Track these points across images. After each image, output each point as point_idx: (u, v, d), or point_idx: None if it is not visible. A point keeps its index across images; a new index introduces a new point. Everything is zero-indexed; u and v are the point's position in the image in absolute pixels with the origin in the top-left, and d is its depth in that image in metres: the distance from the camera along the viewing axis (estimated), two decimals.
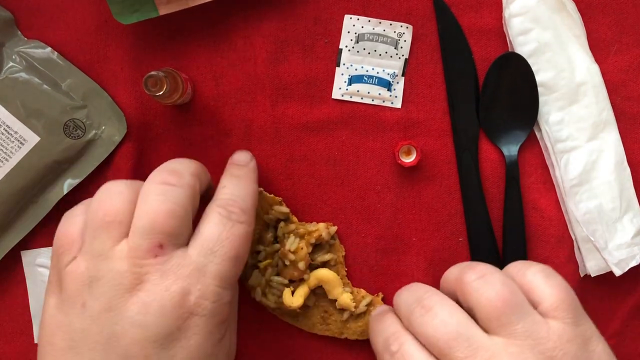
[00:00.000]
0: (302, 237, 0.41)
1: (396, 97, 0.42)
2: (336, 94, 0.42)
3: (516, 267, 0.35)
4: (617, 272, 0.41)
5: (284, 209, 0.41)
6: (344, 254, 0.43)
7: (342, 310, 0.42)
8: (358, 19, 0.42)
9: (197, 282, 0.31)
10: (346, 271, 0.42)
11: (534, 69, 0.41)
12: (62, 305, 0.32)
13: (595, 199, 0.41)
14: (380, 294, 0.43)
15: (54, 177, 0.42)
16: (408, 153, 0.42)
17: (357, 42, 0.42)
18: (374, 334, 0.36)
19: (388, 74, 0.42)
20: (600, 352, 0.32)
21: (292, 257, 0.40)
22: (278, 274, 0.41)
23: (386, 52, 0.42)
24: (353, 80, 0.42)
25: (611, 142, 0.42)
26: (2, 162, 0.40)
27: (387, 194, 0.43)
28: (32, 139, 0.41)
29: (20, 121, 0.40)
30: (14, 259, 0.43)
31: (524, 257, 0.42)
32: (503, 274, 0.33)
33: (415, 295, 0.34)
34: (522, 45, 0.41)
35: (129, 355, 0.30)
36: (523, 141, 0.42)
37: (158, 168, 0.35)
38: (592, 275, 0.42)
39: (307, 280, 0.41)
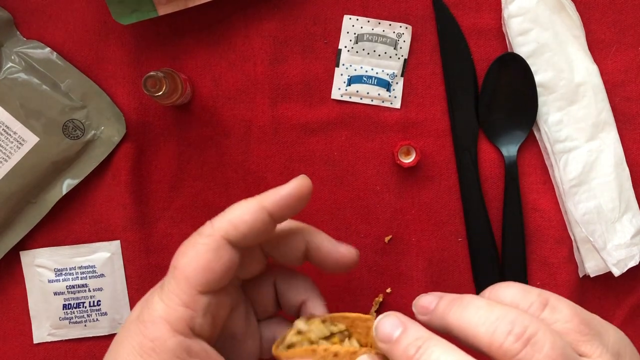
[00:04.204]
0: (363, 345, 0.32)
1: (395, 97, 0.42)
2: (335, 94, 0.42)
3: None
4: (616, 273, 0.41)
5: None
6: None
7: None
8: (357, 20, 0.42)
9: None
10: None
11: (533, 69, 0.41)
12: None
13: (595, 199, 0.41)
14: (380, 296, 0.43)
15: (53, 177, 0.42)
16: (407, 153, 0.42)
17: (357, 43, 0.42)
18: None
19: (387, 74, 0.42)
20: None
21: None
22: None
23: (385, 53, 0.42)
24: (352, 80, 0.42)
25: (610, 142, 0.42)
26: (1, 162, 0.40)
27: (386, 194, 0.43)
28: (31, 139, 0.41)
29: (19, 122, 0.40)
30: (13, 260, 0.43)
31: (523, 257, 0.42)
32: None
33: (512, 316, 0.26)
34: (521, 46, 0.41)
35: None
36: (522, 141, 0.42)
37: None
38: (591, 276, 0.42)
39: None
